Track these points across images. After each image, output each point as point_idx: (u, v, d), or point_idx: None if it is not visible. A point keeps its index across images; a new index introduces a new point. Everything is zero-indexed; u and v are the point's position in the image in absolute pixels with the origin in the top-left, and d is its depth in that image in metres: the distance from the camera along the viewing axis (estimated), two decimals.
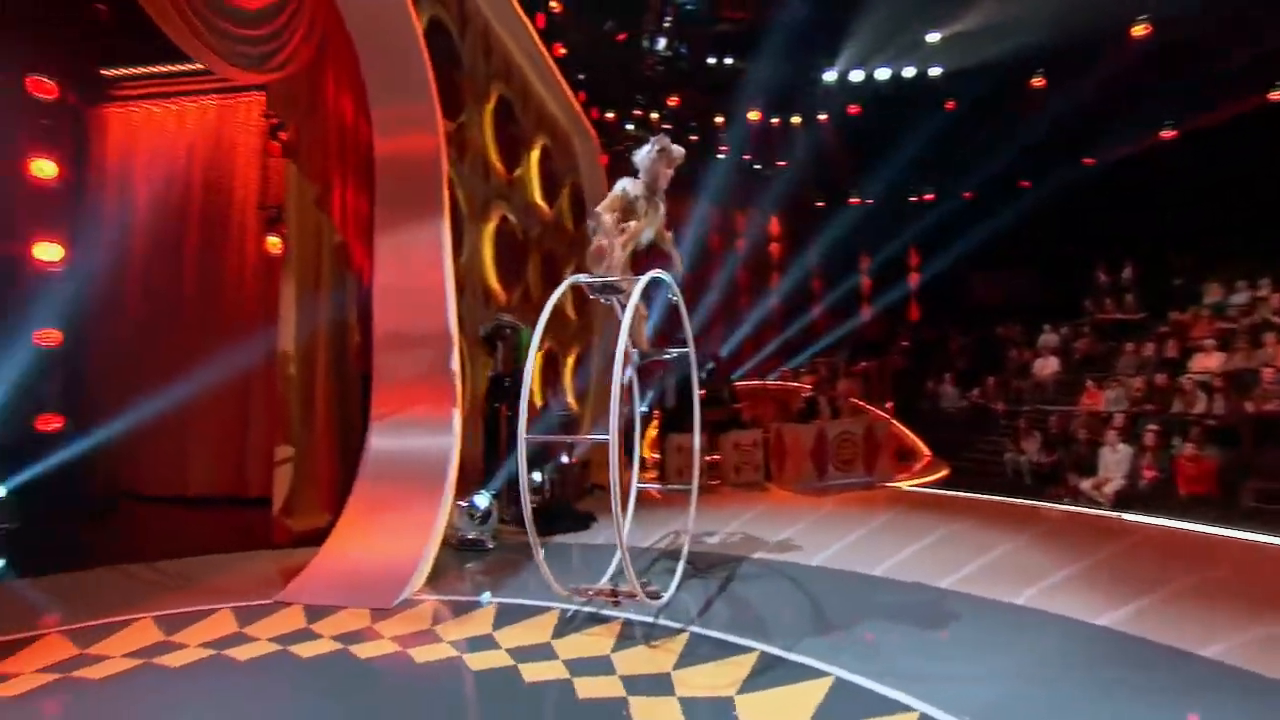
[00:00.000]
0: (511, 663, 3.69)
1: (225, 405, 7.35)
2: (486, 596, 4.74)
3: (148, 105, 8.03)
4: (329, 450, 6.32)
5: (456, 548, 5.92)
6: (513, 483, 6.80)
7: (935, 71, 12.05)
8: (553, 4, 8.64)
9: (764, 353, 13.69)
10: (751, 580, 5.05)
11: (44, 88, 6.97)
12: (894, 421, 9.88)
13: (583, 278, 4.49)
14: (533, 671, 3.58)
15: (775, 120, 13.21)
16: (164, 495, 7.50)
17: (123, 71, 7.93)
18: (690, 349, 5.10)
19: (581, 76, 10.32)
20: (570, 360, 9.59)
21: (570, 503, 7.17)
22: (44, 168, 6.98)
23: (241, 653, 3.85)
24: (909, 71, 12.13)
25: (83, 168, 7.55)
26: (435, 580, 5.08)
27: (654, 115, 12.36)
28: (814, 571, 5.22)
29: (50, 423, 7.00)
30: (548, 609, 4.42)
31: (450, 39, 6.85)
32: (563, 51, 8.90)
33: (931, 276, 14.01)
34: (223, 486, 7.37)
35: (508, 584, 5.09)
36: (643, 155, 4.51)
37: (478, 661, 3.74)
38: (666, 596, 4.42)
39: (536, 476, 7.05)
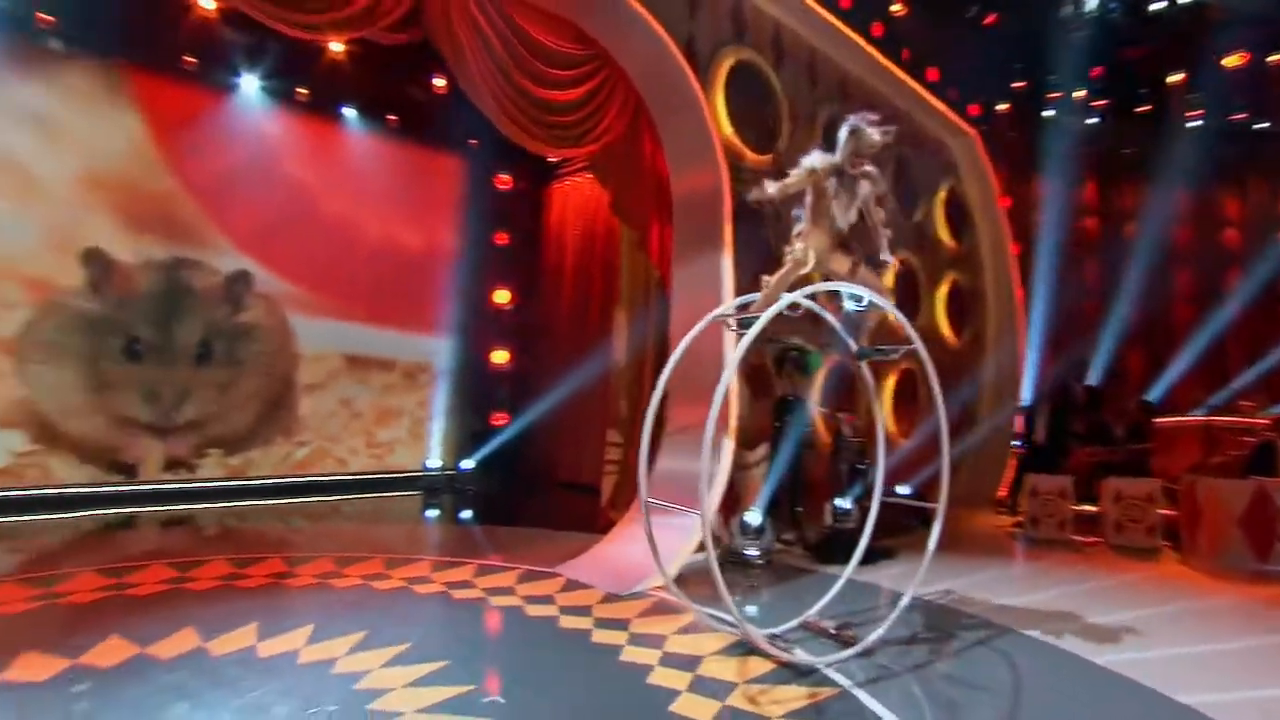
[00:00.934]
0: (653, 664, 3.99)
1: (598, 411, 9.10)
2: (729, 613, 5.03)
3: (575, 179, 10.45)
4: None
5: (728, 560, 6.27)
6: (785, 503, 6.86)
7: None
8: (894, 8, 8.18)
9: (1242, 380, 9.83)
10: (992, 659, 4.17)
11: (504, 181, 9.86)
12: None
13: (729, 306, 4.46)
14: (661, 676, 3.82)
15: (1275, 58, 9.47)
16: (567, 481, 9.65)
17: (563, 156, 10.46)
18: (918, 347, 4.42)
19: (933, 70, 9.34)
20: (892, 381, 8.82)
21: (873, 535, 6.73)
22: (501, 237, 9.89)
23: (500, 601, 5.03)
24: None
25: (531, 233, 10.32)
26: (681, 582, 5.55)
27: (1078, 92, 10.29)
28: (1090, 671, 4.02)
29: (500, 418, 9.82)
30: (735, 629, 4.50)
31: (760, 77, 7.25)
32: (908, 54, 8.34)
33: None
34: (595, 478, 9.12)
35: (740, 602, 5.25)
36: (840, 137, 4.27)
37: (633, 654, 4.13)
38: (849, 651, 4.05)
39: (846, 503, 6.87)
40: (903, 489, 7.81)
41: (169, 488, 7.69)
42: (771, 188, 4.21)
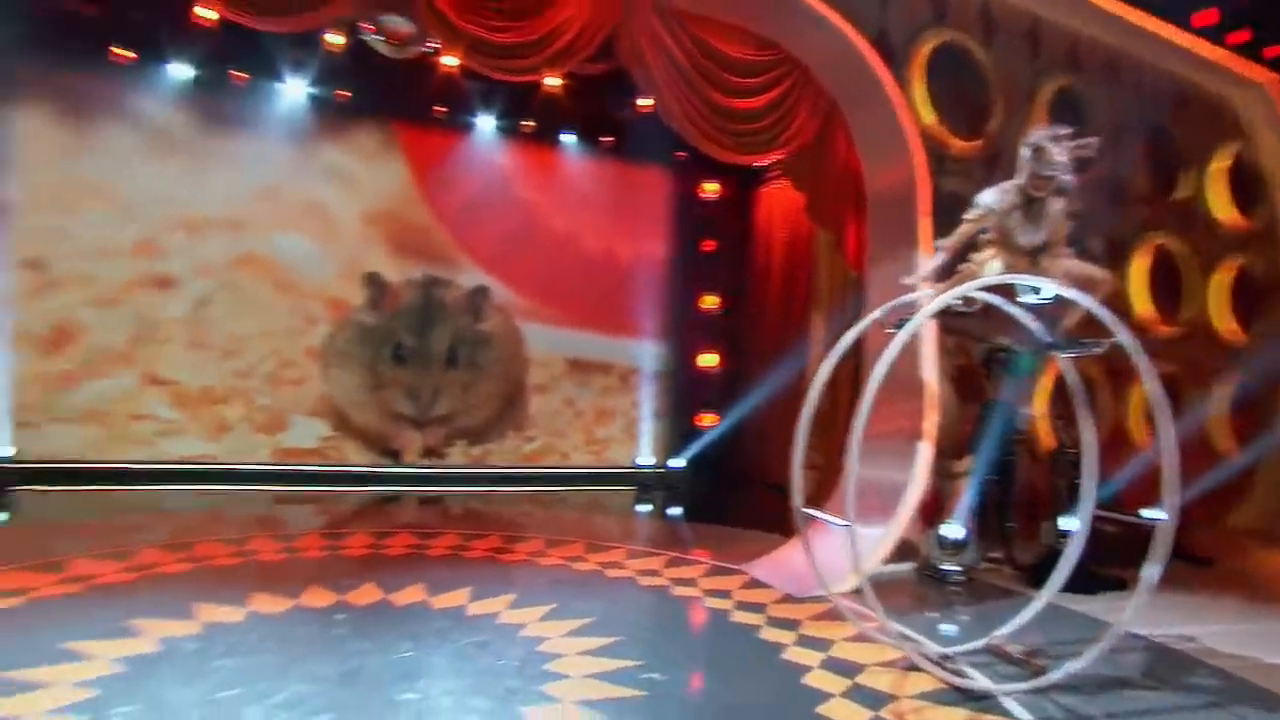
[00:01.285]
0: (813, 666, 3.99)
1: (796, 413, 8.99)
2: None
3: (781, 182, 10.42)
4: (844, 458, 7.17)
5: (924, 574, 5.91)
6: (994, 517, 6.23)
7: None
8: None
9: None
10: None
11: (709, 190, 10.21)
12: None
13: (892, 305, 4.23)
14: (817, 678, 3.81)
15: None
16: (770, 481, 9.66)
17: (753, 163, 10.47)
18: (1125, 339, 3.84)
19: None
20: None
21: (1098, 564, 5.89)
22: (708, 244, 10.24)
23: (682, 591, 5.30)
24: None
25: (738, 238, 10.50)
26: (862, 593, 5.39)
27: None
28: None
29: (707, 419, 10.14)
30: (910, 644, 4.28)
31: (966, 57, 6.73)
32: None
33: None
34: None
35: (924, 618, 4.97)
36: (1022, 156, 3.93)
37: (796, 654, 4.16)
38: (1032, 682, 3.67)
39: (1071, 524, 6.12)
40: (1155, 512, 6.72)
41: (424, 471, 9.14)
42: (939, 256, 4.04)
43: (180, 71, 8.10)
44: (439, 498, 8.52)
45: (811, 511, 4.75)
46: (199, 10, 6.78)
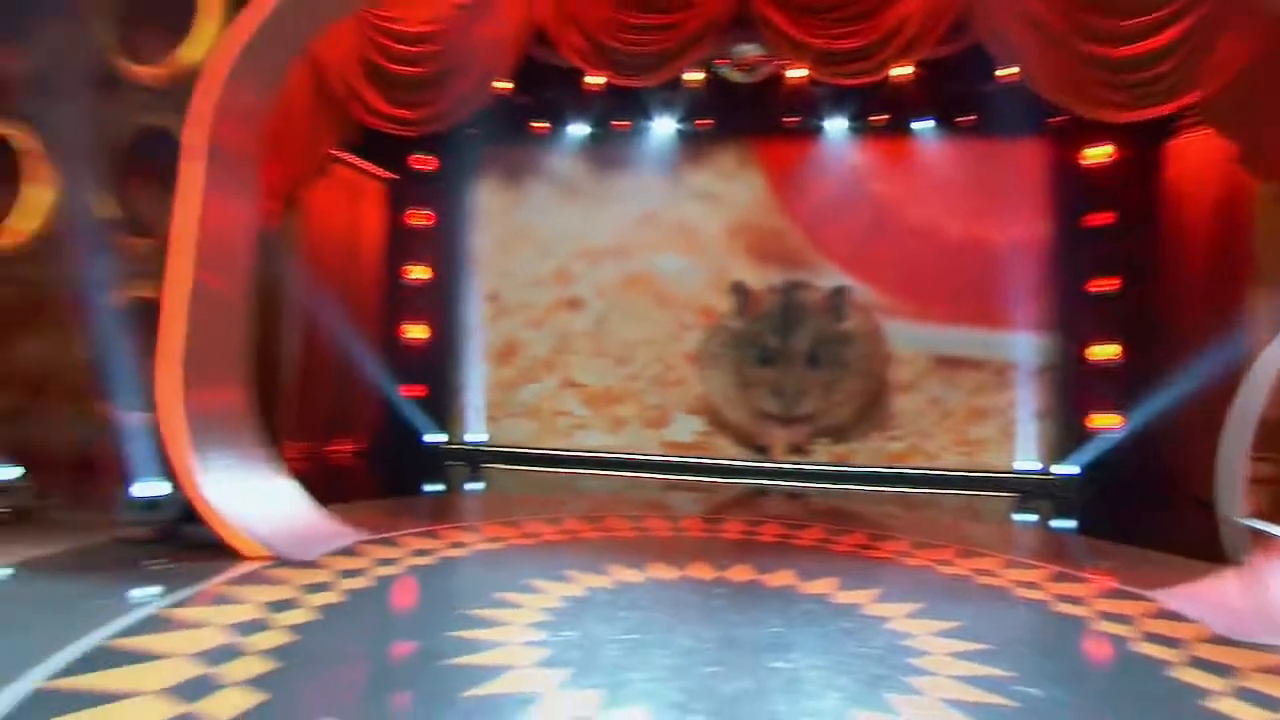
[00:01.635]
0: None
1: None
2: None
3: (1192, 133, 8.30)
4: None
5: None
6: None
7: None
8: None
9: None
10: None
11: (1097, 155, 8.82)
12: None
13: None
14: None
15: None
16: (1201, 497, 7.88)
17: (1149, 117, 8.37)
18: None
19: None
20: None
21: None
22: (1098, 216, 8.87)
23: (1067, 609, 4.76)
24: None
25: (1139, 206, 8.76)
26: None
27: None
28: None
29: (1105, 420, 8.72)
30: None
31: None
32: None
33: None
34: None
35: None
36: None
37: (1226, 706, 3.43)
38: None
39: None
40: None
41: (790, 467, 9.60)
42: None
43: (578, 130, 9.91)
44: (803, 493, 8.88)
45: (1262, 525, 3.93)
46: (588, 79, 8.25)
